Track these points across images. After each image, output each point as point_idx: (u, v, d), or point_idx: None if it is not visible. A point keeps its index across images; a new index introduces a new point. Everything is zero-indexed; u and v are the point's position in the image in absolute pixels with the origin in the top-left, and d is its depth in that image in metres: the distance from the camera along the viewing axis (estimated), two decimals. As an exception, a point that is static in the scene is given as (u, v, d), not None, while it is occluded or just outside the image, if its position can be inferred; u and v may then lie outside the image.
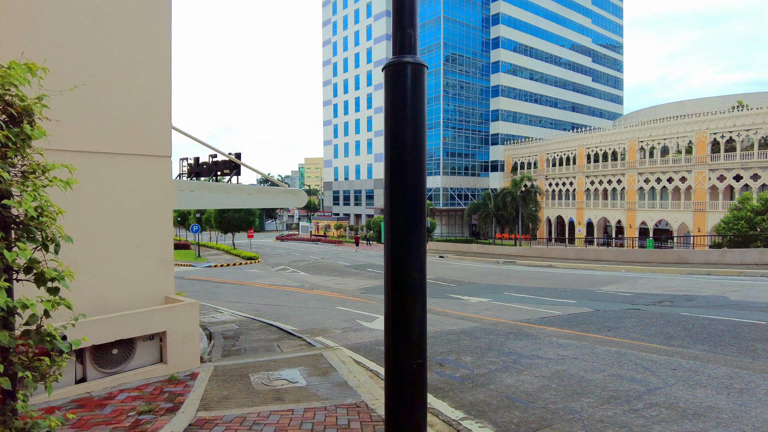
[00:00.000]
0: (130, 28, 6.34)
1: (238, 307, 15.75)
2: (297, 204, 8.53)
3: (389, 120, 2.83)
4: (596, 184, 60.77)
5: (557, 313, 12.19)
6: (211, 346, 9.02)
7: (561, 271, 24.74)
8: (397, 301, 2.94)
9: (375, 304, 15.07)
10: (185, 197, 7.10)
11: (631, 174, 56.29)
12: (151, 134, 6.63)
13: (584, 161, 62.05)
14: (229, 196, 7.59)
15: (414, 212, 2.84)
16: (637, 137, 55.73)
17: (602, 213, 60.36)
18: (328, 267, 29.44)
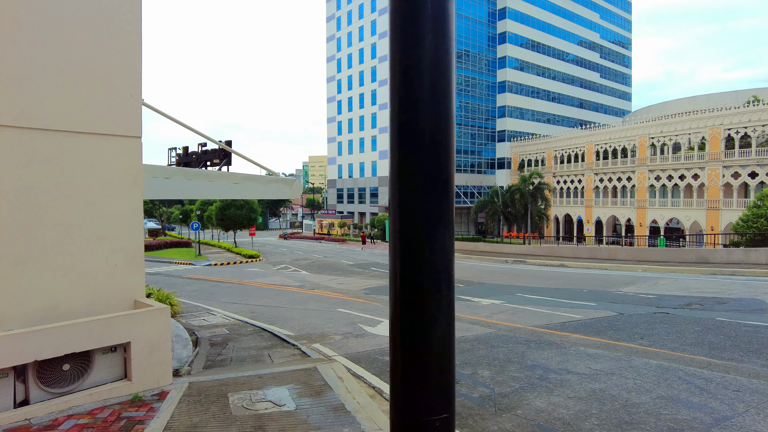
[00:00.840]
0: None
1: (234, 309, 14.78)
2: (290, 195, 7.54)
3: (397, 23, 1.75)
4: (605, 181, 59.48)
5: (578, 317, 11.14)
6: (195, 355, 8.05)
7: (574, 270, 23.65)
8: (410, 320, 1.86)
9: (379, 305, 14.06)
10: (159, 185, 6.13)
11: (642, 171, 54.99)
12: (115, 110, 5.64)
13: (593, 158, 60.77)
14: (211, 185, 6.61)
15: (436, 170, 1.76)
16: (648, 133, 54.39)
17: (612, 211, 59.09)
18: (330, 266, 28.47)
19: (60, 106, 5.18)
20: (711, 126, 47.73)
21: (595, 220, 60.48)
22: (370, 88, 76.74)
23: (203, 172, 6.62)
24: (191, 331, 10.31)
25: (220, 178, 6.70)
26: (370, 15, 76.87)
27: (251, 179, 7.04)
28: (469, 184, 68.26)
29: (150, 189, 6.11)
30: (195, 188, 6.46)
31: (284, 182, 7.46)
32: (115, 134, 5.63)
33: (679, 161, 51.01)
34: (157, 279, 24.72)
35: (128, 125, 5.76)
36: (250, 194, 7.07)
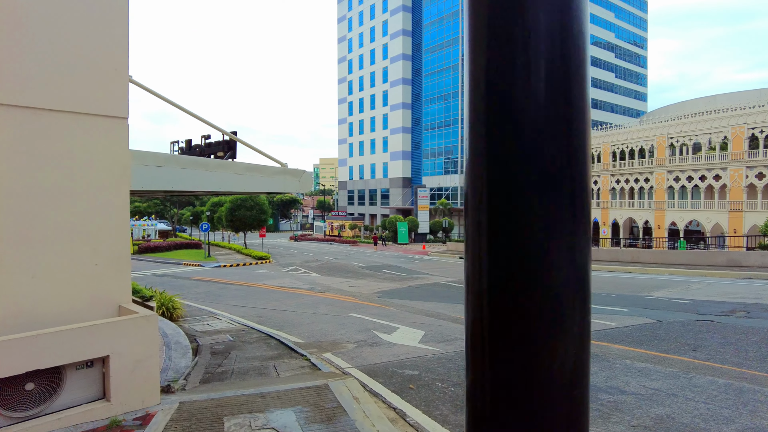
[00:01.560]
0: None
1: (240, 312, 14.02)
2: (299, 188, 6.72)
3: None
4: (622, 182, 58.05)
5: (613, 324, 10.18)
6: (194, 365, 7.25)
7: (596, 273, 22.55)
8: (507, 374, 0.98)
9: (393, 310, 13.19)
10: (150, 175, 5.35)
11: (660, 172, 53.50)
12: (97, 86, 4.87)
13: (609, 159, 59.40)
14: (209, 176, 5.82)
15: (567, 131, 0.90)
16: (667, 133, 52.93)
17: (628, 213, 57.63)
18: (341, 268, 27.67)
19: (26, 76, 4.40)
20: (734, 125, 46.21)
21: (611, 222, 59.08)
22: (382, 88, 76.02)
23: (200, 161, 5.84)
24: (193, 337, 9.54)
25: (219, 168, 5.90)
26: (382, 15, 76.22)
27: (255, 170, 6.23)
28: (481, 185, 67.13)
29: (139, 178, 5.33)
30: (191, 179, 5.67)
31: (292, 174, 6.64)
32: (96, 113, 4.85)
33: (700, 162, 49.48)
34: (164, 281, 24.11)
35: (112, 103, 4.98)
36: (254, 186, 6.25)
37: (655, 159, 54.30)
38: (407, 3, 73.60)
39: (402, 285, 19.42)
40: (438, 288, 18.35)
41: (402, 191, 72.47)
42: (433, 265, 28.72)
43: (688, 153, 51.97)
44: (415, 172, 73.49)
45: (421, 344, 8.55)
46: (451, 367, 6.92)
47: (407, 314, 12.29)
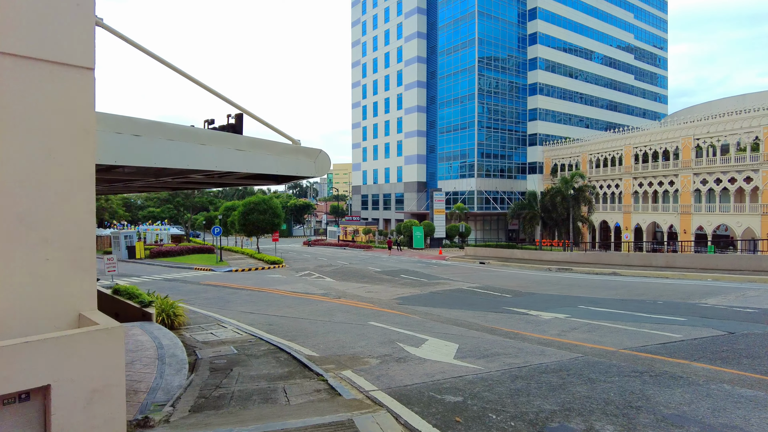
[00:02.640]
0: None
1: (249, 319, 12.80)
2: (314, 171, 5.48)
3: None
4: (645, 186, 55.93)
5: (677, 336, 8.72)
6: (188, 384, 6.02)
7: (631, 279, 20.96)
8: None
9: (418, 318, 11.83)
10: (124, 146, 4.15)
11: (686, 174, 51.37)
12: (49, 23, 3.67)
13: (631, 161, 57.35)
14: (203, 151, 4.60)
15: None
16: (693, 134, 50.83)
17: (652, 217, 55.46)
18: (357, 273, 26.39)
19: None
20: (766, 125, 44.09)
21: (634, 227, 57.03)
22: (396, 92, 74.97)
23: (191, 130, 4.61)
24: (192, 349, 8.31)
25: (215, 141, 4.68)
26: (396, 18, 75.31)
27: (261, 146, 4.99)
28: (498, 189, 65.45)
29: (110, 149, 4.14)
30: (179, 154, 4.46)
31: (306, 154, 5.37)
32: (48, 59, 3.65)
33: (729, 163, 47.33)
34: (173, 285, 23.08)
35: (71, 48, 3.78)
36: (259, 166, 5.02)
37: (681, 161, 52.22)
38: (422, 5, 72.60)
39: (423, 291, 18.05)
40: (463, 294, 16.94)
41: (417, 195, 71.13)
42: (453, 270, 27.29)
43: (716, 154, 49.82)
44: (430, 176, 72.14)
45: (457, 360, 7.21)
46: (503, 392, 5.58)
47: (434, 324, 10.95)
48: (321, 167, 5.61)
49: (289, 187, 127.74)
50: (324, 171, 5.65)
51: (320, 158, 5.59)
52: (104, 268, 24.28)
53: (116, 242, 44.10)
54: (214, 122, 6.87)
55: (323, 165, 5.62)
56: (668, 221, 53.45)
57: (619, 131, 61.92)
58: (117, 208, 74.31)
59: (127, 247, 43.31)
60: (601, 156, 61.36)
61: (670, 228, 53.27)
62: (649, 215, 56.06)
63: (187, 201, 76.21)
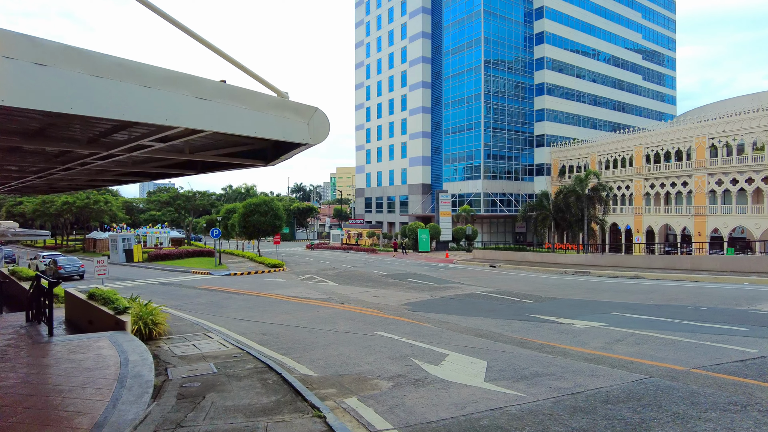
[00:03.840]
0: None
1: (241, 328, 11.37)
2: (308, 136, 4.05)
3: None
4: (657, 187, 54.25)
5: (751, 351, 7.23)
6: (143, 418, 4.60)
7: (657, 283, 19.40)
8: None
9: (432, 328, 10.36)
10: (25, 79, 2.75)
11: (700, 175, 49.72)
12: None
13: (642, 162, 55.74)
14: (147, 96, 3.15)
15: None
16: (707, 133, 49.21)
17: (665, 219, 53.77)
18: (361, 276, 24.94)
19: None
20: (785, 122, 42.49)
21: (645, 229, 55.38)
22: (401, 93, 73.73)
23: (130, 65, 3.17)
24: (165, 366, 6.88)
25: (166, 84, 3.27)
26: (401, 18, 74.15)
27: (232, 95, 3.55)
28: (505, 191, 63.92)
29: (4, 84, 2.74)
30: (109, 96, 3.06)
31: (296, 111, 3.93)
32: None
33: (746, 163, 45.65)
34: (167, 290, 21.69)
35: None
36: (231, 124, 3.60)
37: (694, 161, 50.60)
38: (426, 5, 71.42)
39: (433, 296, 16.57)
40: (478, 300, 15.45)
41: (422, 198, 69.71)
42: (463, 273, 25.79)
43: (732, 154, 48.18)
44: (435, 178, 70.76)
45: (490, 384, 5.75)
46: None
47: (452, 334, 9.49)
48: (317, 131, 4.19)
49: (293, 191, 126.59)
50: (321, 136, 4.22)
51: (316, 119, 4.17)
52: (94, 271, 22.99)
53: (114, 245, 42.84)
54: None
55: (319, 128, 4.20)
56: (681, 223, 51.75)
57: (627, 132, 60.42)
58: (117, 211, 73.14)
59: (124, 250, 42.03)
60: (611, 157, 59.83)
61: (684, 230, 51.59)
62: (662, 217, 54.40)
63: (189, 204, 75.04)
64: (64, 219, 68.66)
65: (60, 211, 62.49)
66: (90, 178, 8.81)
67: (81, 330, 10.50)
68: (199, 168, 7.53)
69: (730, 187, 47.31)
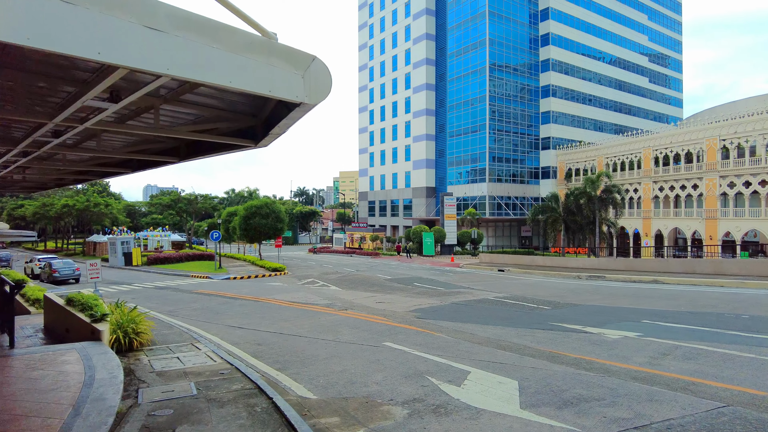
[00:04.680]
0: None
1: (235, 337, 10.32)
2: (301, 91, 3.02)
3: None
4: (666, 190, 53.04)
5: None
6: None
7: (681, 288, 18.26)
8: None
9: (445, 338, 9.27)
10: None
11: (711, 177, 48.49)
12: None
13: (651, 165, 54.58)
14: (61, 11, 2.17)
15: None
16: (718, 135, 48.03)
17: (674, 223, 52.51)
18: (365, 281, 23.88)
19: None
20: (800, 123, 41.31)
21: (654, 233, 54.15)
22: (404, 95, 72.81)
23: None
24: (138, 385, 5.83)
25: (100, 4, 2.28)
26: (405, 20, 73.34)
27: (199, 29, 2.53)
28: (511, 194, 62.78)
29: None
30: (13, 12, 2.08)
31: (286, 57, 2.86)
32: None
33: (759, 165, 44.44)
34: (161, 294, 20.66)
35: None
36: (195, 68, 2.59)
37: (705, 163, 49.39)
38: (431, 6, 70.57)
39: (443, 301, 15.47)
40: (492, 306, 14.34)
41: (426, 201, 68.64)
42: (471, 277, 24.68)
43: (744, 156, 46.96)
44: (440, 181, 69.69)
45: (528, 412, 4.68)
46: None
47: (469, 345, 8.41)
48: (315, 86, 3.15)
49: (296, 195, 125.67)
50: (320, 93, 3.18)
51: (313, 71, 3.14)
52: (87, 274, 21.99)
53: (113, 248, 41.86)
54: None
55: (318, 82, 3.16)
56: (692, 227, 50.51)
57: (634, 134, 59.28)
58: (118, 214, 72.32)
59: (123, 253, 41.04)
60: (618, 159, 58.70)
61: (694, 234, 50.34)
62: (671, 221, 53.18)
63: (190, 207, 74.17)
64: (65, 222, 67.84)
65: (60, 214, 61.66)
66: (58, 172, 7.79)
67: (58, 339, 9.48)
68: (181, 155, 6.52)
69: (743, 190, 46.11)
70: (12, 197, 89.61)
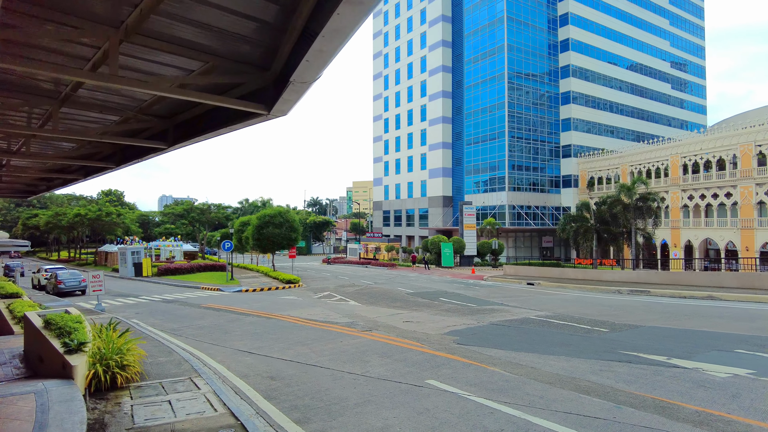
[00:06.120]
0: None
1: (244, 366, 8.64)
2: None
3: None
4: (696, 199, 50.57)
5: None
6: None
7: (751, 307, 16.14)
8: None
9: (505, 374, 7.45)
10: None
11: (746, 185, 45.99)
12: None
13: (679, 173, 52.22)
14: None
15: None
16: (754, 140, 45.60)
17: (705, 233, 49.96)
18: (385, 295, 22.11)
19: None
20: None
21: (684, 244, 51.62)
22: (420, 103, 71.41)
23: None
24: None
25: None
26: (420, 27, 72.19)
27: None
28: (531, 203, 60.67)
29: None
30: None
31: None
32: None
33: (801, 172, 42.03)
34: (168, 308, 19.11)
35: None
36: None
37: (740, 170, 46.93)
38: (447, 13, 69.31)
39: (479, 321, 13.63)
40: (538, 328, 12.46)
41: (442, 211, 66.81)
42: (500, 291, 22.77)
43: (784, 162, 44.52)
44: (456, 189, 67.87)
45: None
46: None
47: (539, 387, 6.61)
48: None
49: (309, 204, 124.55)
50: None
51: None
52: (89, 287, 20.58)
53: (123, 258, 40.64)
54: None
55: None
56: (726, 237, 47.95)
57: (659, 142, 56.96)
58: (130, 224, 71.67)
59: (133, 264, 39.81)
60: (644, 167, 56.40)
61: (729, 245, 47.75)
62: (702, 231, 50.65)
63: (203, 217, 73.31)
64: (78, 231, 67.29)
65: (72, 224, 61.07)
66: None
67: (32, 370, 7.89)
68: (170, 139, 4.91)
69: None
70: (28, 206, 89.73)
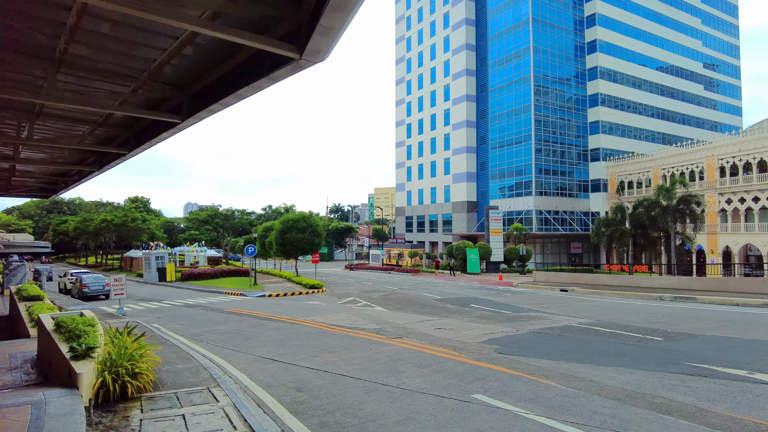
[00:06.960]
0: None
1: (268, 374, 7.93)
2: None
3: None
4: (735, 202, 48.31)
5: None
6: None
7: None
8: None
9: (559, 387, 6.55)
10: None
11: (790, 188, 43.75)
12: None
13: (716, 175, 50.06)
14: None
15: None
16: (799, 140, 43.40)
17: (745, 238, 47.65)
18: (411, 300, 21.25)
19: None
20: None
21: (721, 250, 49.33)
22: (443, 107, 70.52)
23: None
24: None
25: None
26: (443, 31, 71.50)
27: None
28: (558, 208, 58.98)
29: None
30: None
31: None
32: None
33: None
34: (190, 313, 18.64)
35: None
36: None
37: (783, 172, 44.68)
38: (470, 16, 68.42)
39: (518, 329, 12.66)
40: (583, 336, 11.44)
41: (466, 216, 65.59)
42: (533, 298, 21.67)
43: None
44: (481, 195, 66.58)
45: None
46: None
47: (607, 404, 5.70)
48: None
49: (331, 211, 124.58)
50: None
51: None
52: (111, 291, 20.32)
53: (147, 264, 40.78)
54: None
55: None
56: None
57: (693, 144, 54.77)
58: (155, 230, 72.47)
59: (158, 269, 39.93)
60: (677, 170, 54.27)
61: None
62: (742, 236, 48.34)
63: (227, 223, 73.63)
64: (105, 237, 68.32)
65: (99, 229, 61.99)
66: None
67: (43, 375, 7.35)
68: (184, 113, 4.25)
69: (831, 201, 41.25)
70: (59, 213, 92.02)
